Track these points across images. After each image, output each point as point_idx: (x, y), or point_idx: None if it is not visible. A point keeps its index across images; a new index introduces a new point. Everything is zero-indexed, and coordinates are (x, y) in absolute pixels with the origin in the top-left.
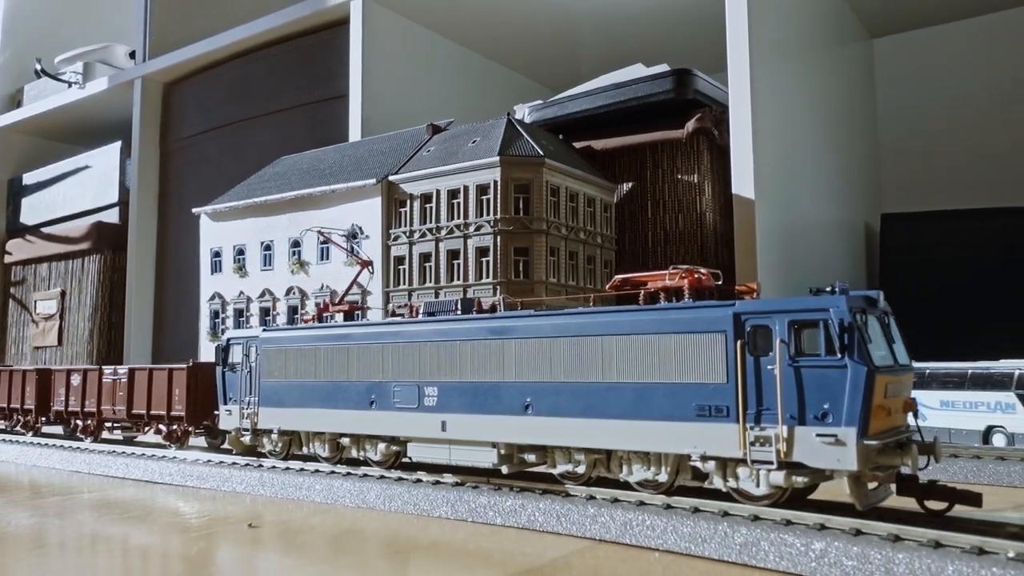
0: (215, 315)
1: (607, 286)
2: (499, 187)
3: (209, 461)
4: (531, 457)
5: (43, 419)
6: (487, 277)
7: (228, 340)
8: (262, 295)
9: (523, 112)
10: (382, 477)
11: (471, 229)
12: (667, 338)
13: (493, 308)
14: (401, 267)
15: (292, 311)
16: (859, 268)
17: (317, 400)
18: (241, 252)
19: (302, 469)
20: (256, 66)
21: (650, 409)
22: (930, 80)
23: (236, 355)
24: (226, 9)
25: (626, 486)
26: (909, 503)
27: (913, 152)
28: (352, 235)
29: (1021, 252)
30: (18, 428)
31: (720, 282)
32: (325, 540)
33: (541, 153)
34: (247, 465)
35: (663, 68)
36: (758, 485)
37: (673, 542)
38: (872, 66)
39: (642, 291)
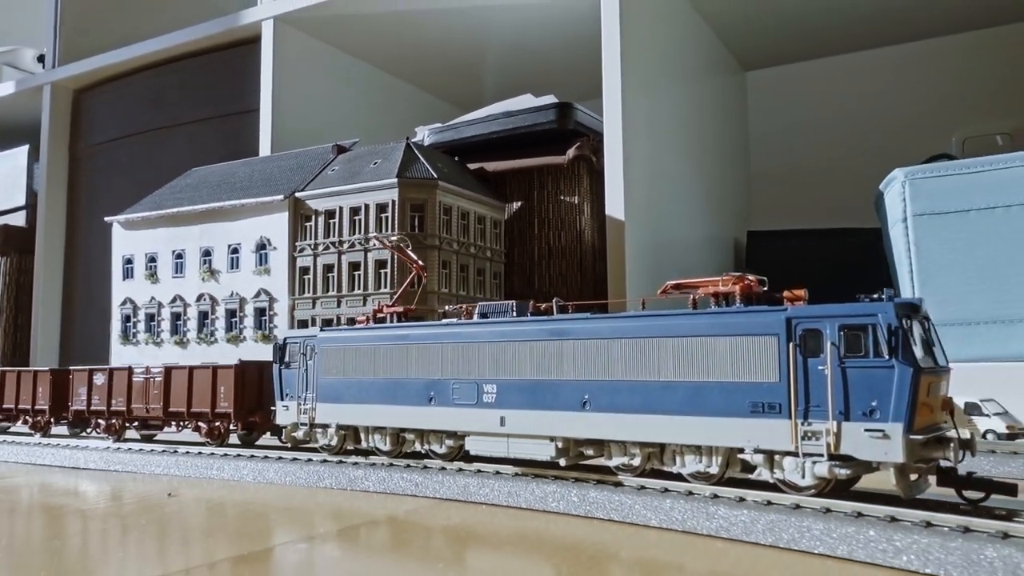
0: (127, 319)
1: (658, 291)
2: (396, 206)
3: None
4: (588, 451)
5: (57, 419)
6: (385, 287)
7: (285, 339)
8: (173, 301)
9: (423, 134)
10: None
11: (371, 243)
12: (721, 340)
13: (548, 311)
14: (306, 277)
15: (202, 316)
16: None
17: (376, 396)
18: (153, 260)
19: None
20: (169, 78)
21: (704, 406)
22: (796, 110)
23: (293, 354)
24: (138, 20)
25: (677, 478)
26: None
27: (780, 175)
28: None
29: (866, 267)
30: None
31: (766, 288)
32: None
33: (435, 176)
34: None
35: (550, 99)
36: (804, 476)
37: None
38: (745, 96)
39: (693, 296)
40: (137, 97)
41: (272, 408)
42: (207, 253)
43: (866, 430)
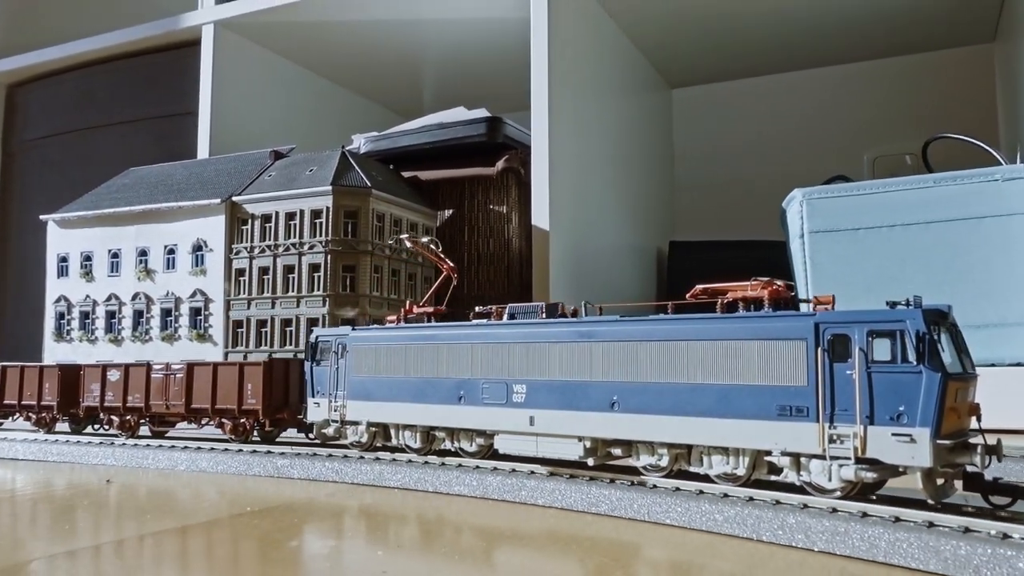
0: (60, 317)
1: (688, 295)
2: (331, 212)
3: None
4: (616, 451)
5: (66, 415)
6: (318, 290)
7: (317, 337)
8: (108, 299)
9: (360, 142)
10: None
11: (305, 248)
12: (750, 344)
13: (575, 313)
14: (242, 278)
15: (137, 315)
16: (650, 286)
17: (406, 394)
18: (88, 258)
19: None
20: (106, 76)
21: (732, 408)
22: (719, 127)
23: (324, 351)
24: (77, 18)
25: (703, 478)
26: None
27: (702, 188)
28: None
29: (775, 277)
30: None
31: (794, 294)
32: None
33: (368, 184)
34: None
35: (482, 112)
36: (830, 479)
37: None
38: (671, 112)
39: (721, 300)
40: (74, 94)
41: (303, 405)
42: (143, 253)
43: (893, 434)
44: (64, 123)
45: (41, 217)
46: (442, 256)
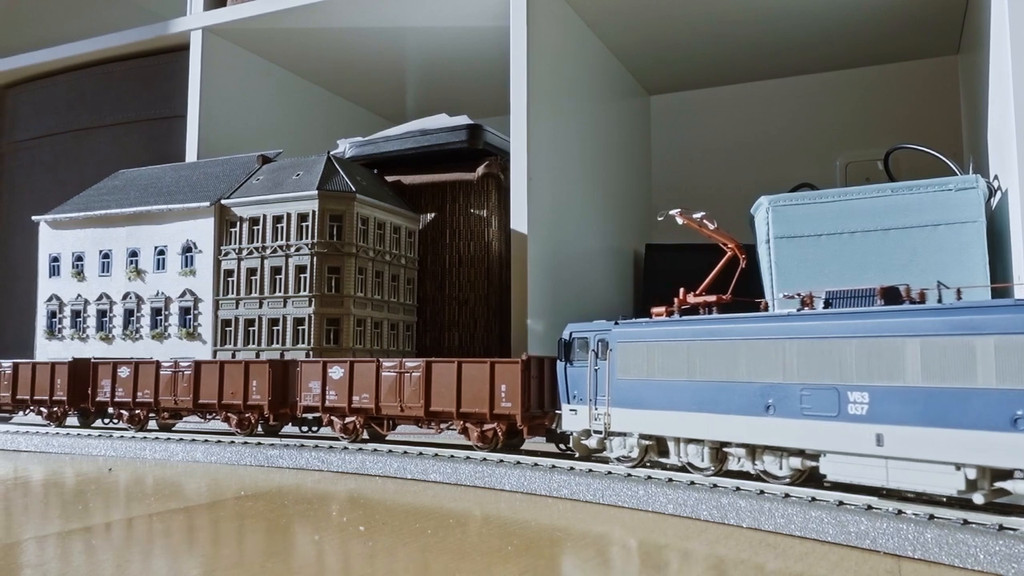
0: (52, 315)
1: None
2: (316, 216)
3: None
4: (1012, 483)
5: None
6: (304, 290)
7: (571, 333)
8: (99, 298)
9: (345, 147)
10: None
11: (292, 250)
12: None
13: (923, 296)
14: (230, 279)
15: (128, 314)
16: (627, 288)
17: (691, 402)
18: (80, 258)
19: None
20: (96, 79)
21: None
22: (695, 133)
23: (581, 349)
24: (68, 21)
25: None
26: None
27: (679, 192)
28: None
29: (747, 279)
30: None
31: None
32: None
33: (353, 189)
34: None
35: (463, 119)
36: None
37: None
38: (649, 118)
39: None
40: (64, 97)
41: (550, 414)
42: (134, 254)
43: None
44: (55, 125)
45: (33, 218)
46: (724, 233)
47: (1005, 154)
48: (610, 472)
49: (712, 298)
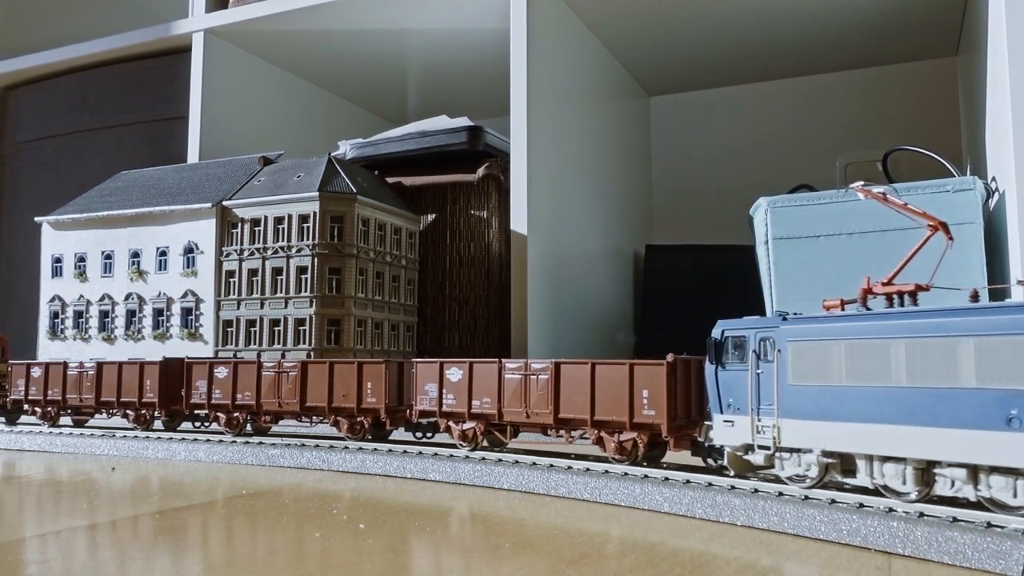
0: (54, 316)
1: None
2: (317, 217)
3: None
4: None
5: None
6: (305, 291)
7: (723, 331)
8: (102, 299)
9: (346, 148)
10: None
11: (293, 251)
12: None
13: None
14: (232, 280)
15: (130, 314)
16: (627, 289)
17: (893, 412)
18: (82, 259)
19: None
20: (99, 81)
21: None
22: (695, 134)
23: (737, 350)
24: (70, 22)
25: None
26: None
27: (679, 193)
28: None
29: (746, 280)
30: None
31: None
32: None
33: (354, 190)
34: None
35: (464, 121)
36: None
37: None
38: (649, 119)
39: None
40: (66, 98)
41: (698, 424)
42: (136, 255)
43: None
44: (57, 126)
45: (36, 219)
46: (917, 210)
47: (1002, 156)
48: (607, 471)
49: (909, 286)
